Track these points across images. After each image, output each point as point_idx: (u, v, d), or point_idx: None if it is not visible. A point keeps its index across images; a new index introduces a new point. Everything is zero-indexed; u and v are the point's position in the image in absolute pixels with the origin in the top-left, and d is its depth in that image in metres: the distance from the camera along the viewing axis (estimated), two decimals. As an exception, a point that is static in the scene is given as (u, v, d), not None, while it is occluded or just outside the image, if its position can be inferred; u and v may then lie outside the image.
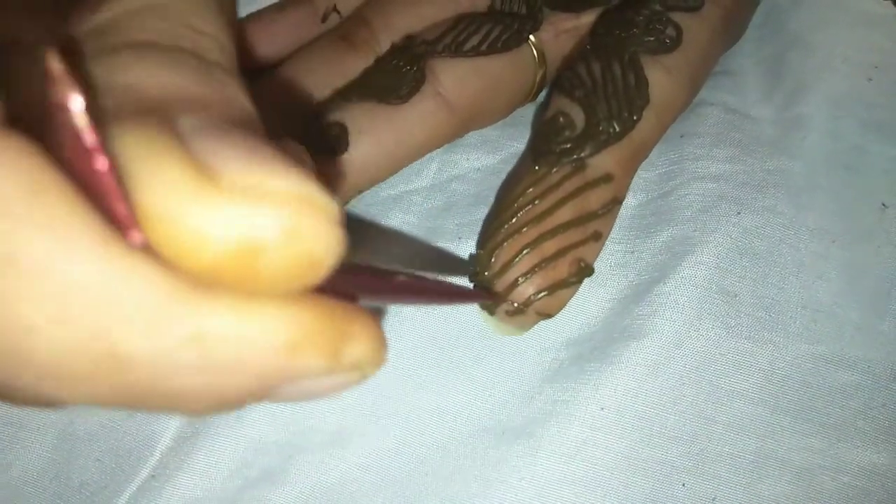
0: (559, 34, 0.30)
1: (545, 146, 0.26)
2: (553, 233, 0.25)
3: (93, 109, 0.10)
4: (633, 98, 0.26)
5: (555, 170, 0.26)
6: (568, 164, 0.26)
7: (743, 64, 0.34)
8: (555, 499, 0.26)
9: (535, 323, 0.26)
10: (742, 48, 0.34)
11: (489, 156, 0.32)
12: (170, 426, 0.28)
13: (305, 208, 0.11)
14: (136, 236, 0.10)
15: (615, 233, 0.30)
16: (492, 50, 0.28)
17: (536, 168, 0.26)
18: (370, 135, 0.27)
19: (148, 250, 0.10)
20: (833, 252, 0.29)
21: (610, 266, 0.29)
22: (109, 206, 0.10)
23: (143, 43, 0.14)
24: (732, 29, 0.31)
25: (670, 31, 0.27)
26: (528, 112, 0.33)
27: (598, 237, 0.26)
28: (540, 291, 0.25)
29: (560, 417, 0.27)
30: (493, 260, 0.25)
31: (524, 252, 0.25)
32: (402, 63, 0.28)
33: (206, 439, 0.27)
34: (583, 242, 0.25)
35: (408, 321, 0.29)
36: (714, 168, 0.30)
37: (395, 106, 0.27)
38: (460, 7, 0.30)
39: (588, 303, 0.29)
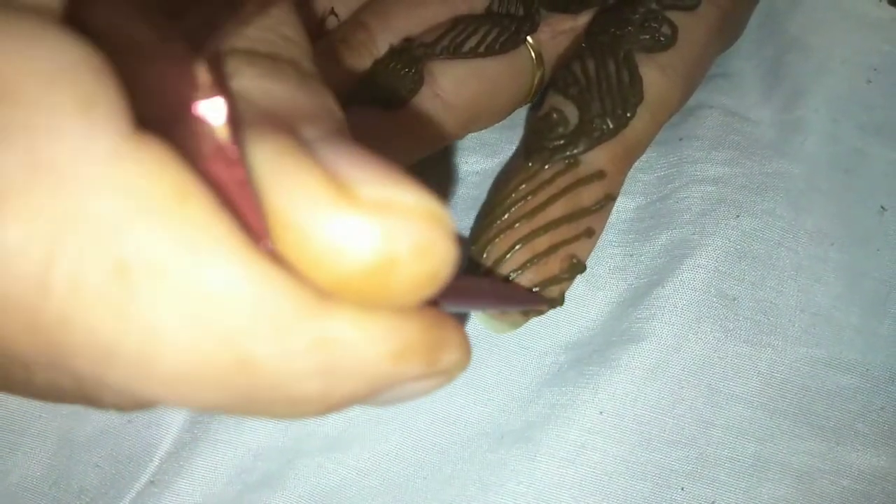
0: (556, 35, 0.30)
1: (538, 142, 0.26)
2: (545, 229, 0.25)
3: (232, 119, 0.10)
4: (627, 95, 0.26)
5: (547, 166, 0.26)
6: (561, 160, 0.26)
7: (742, 66, 0.34)
8: (554, 503, 0.26)
9: (528, 320, 0.26)
10: (740, 50, 0.34)
11: (488, 159, 0.32)
12: (169, 432, 0.28)
13: (435, 224, 0.11)
14: (267, 245, 0.11)
15: (614, 236, 0.30)
16: (490, 52, 0.28)
17: (529, 164, 0.26)
18: (369, 139, 0.27)
19: (278, 259, 0.11)
20: (832, 255, 0.29)
21: (609, 269, 0.29)
22: (243, 216, 0.10)
23: (245, 51, 0.14)
24: (729, 29, 0.31)
25: (665, 30, 0.27)
26: (526, 115, 0.33)
27: (591, 234, 0.26)
28: (532, 287, 0.25)
29: (559, 421, 0.27)
30: (484, 255, 0.25)
31: (516, 248, 0.25)
32: (400, 65, 0.28)
33: (206, 445, 0.27)
34: (575, 239, 0.25)
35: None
36: (713, 171, 0.30)
37: (394, 109, 0.27)
38: (457, 9, 0.30)
39: (587, 306, 0.29)
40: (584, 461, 0.27)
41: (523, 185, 0.26)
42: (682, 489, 0.26)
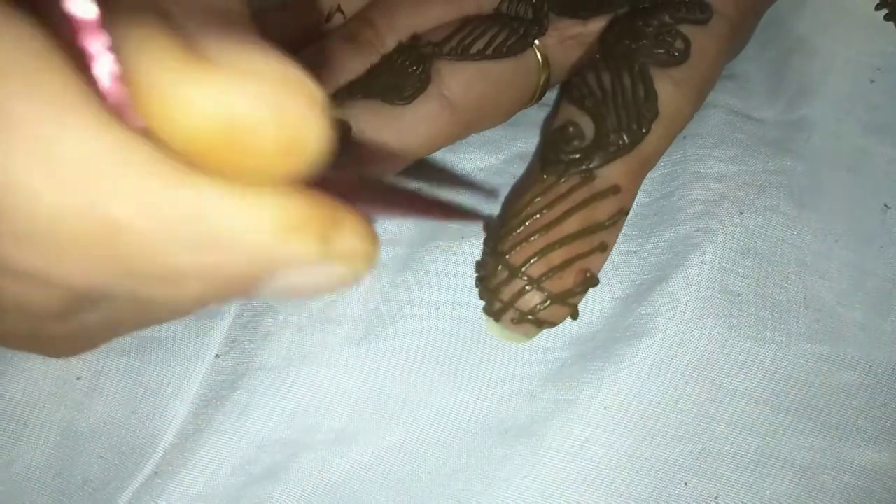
0: (564, 40, 0.30)
1: (554, 155, 0.26)
2: (561, 243, 0.25)
3: None
4: (643, 110, 0.26)
5: (563, 179, 0.26)
6: (576, 174, 0.26)
7: (746, 67, 0.34)
8: (558, 497, 0.26)
9: (539, 331, 0.26)
10: (745, 51, 0.34)
11: (492, 156, 0.32)
12: (173, 423, 0.28)
13: (292, 89, 0.11)
14: (133, 118, 0.11)
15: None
16: (497, 54, 0.28)
17: (545, 177, 0.26)
18: (372, 134, 0.27)
19: (147, 133, 0.11)
20: (836, 252, 0.29)
21: (613, 265, 0.29)
22: (107, 86, 0.11)
23: None
24: (737, 41, 0.31)
25: (679, 44, 0.27)
26: (530, 112, 0.33)
27: (605, 248, 0.26)
28: (546, 300, 0.25)
29: (563, 416, 0.27)
30: (500, 267, 0.25)
31: (532, 261, 0.25)
32: (408, 63, 0.28)
33: (210, 436, 0.27)
34: (589, 253, 0.25)
35: (411, 320, 0.29)
36: (716, 168, 0.30)
37: (399, 106, 0.27)
38: (464, 9, 0.30)
39: (591, 302, 0.29)
40: (588, 456, 0.27)
41: (539, 198, 0.26)
42: (686, 484, 0.26)
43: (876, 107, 0.33)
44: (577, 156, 0.26)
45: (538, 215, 0.25)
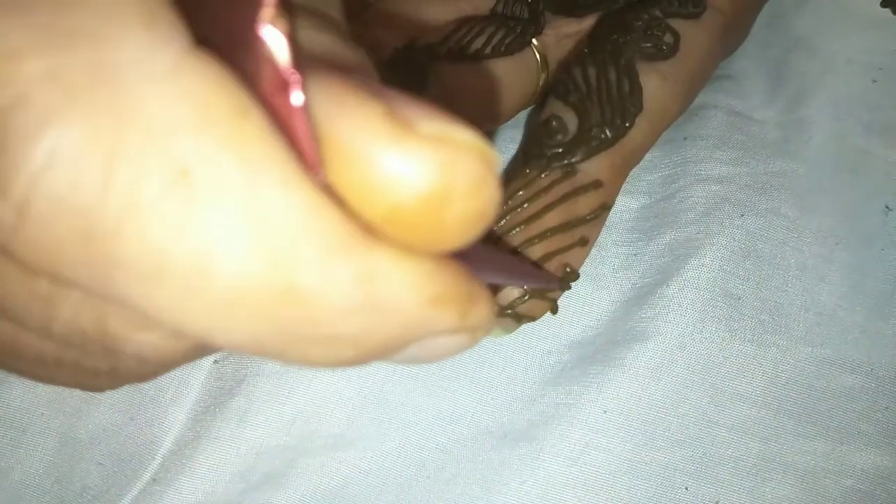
0: (561, 39, 0.30)
1: (537, 149, 0.26)
2: (541, 237, 0.25)
3: (293, 47, 0.10)
4: (627, 105, 0.26)
5: (545, 174, 0.26)
6: (558, 168, 0.26)
7: (746, 67, 0.34)
8: (557, 502, 0.26)
9: (519, 325, 0.26)
10: (745, 51, 0.33)
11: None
12: (171, 430, 0.28)
13: (487, 162, 0.11)
14: (321, 176, 0.11)
15: (618, 235, 0.30)
16: (495, 53, 0.28)
17: (528, 171, 0.26)
18: None
19: (329, 191, 0.11)
20: (837, 255, 0.29)
21: (613, 268, 0.29)
22: (298, 144, 0.10)
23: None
24: (733, 35, 0.31)
25: (668, 38, 0.27)
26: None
27: (585, 242, 0.26)
28: (524, 295, 0.25)
29: (562, 420, 0.27)
30: None
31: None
32: (405, 66, 0.28)
33: (208, 443, 0.27)
34: (569, 247, 0.25)
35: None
36: (717, 170, 0.30)
37: None
38: (462, 10, 0.30)
39: (591, 305, 0.29)
40: (588, 460, 0.26)
41: (521, 192, 0.26)
42: (687, 488, 0.26)
43: (878, 107, 0.33)
44: (560, 150, 0.26)
45: (519, 209, 0.25)
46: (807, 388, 0.27)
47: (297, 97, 0.10)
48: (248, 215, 0.10)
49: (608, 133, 0.26)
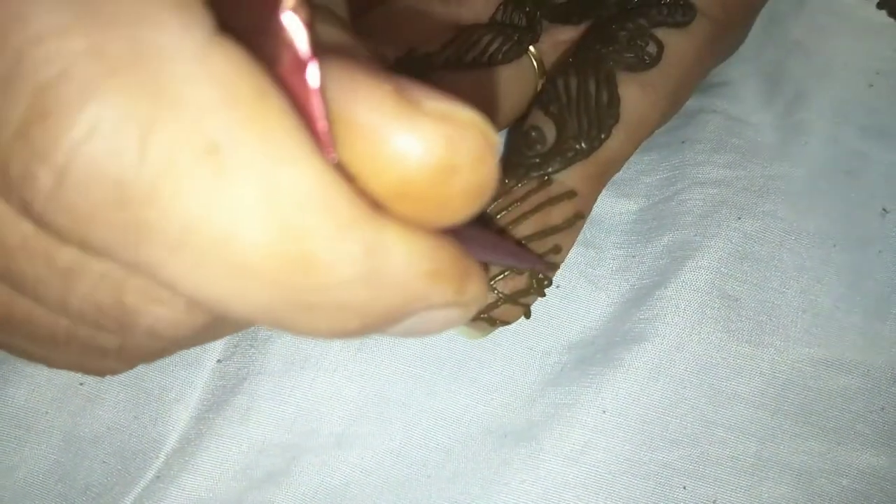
0: (558, 45, 0.30)
1: (515, 159, 0.27)
2: (515, 244, 0.26)
3: (312, 29, 0.11)
4: (604, 117, 0.26)
5: (521, 184, 0.26)
6: (535, 178, 0.26)
7: (743, 71, 0.34)
8: (557, 501, 0.26)
9: (495, 329, 0.27)
10: (742, 56, 0.34)
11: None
12: (175, 428, 0.28)
13: (488, 137, 0.12)
14: (333, 154, 0.11)
15: (617, 237, 0.30)
16: (492, 61, 0.29)
17: (506, 180, 0.27)
18: None
19: (341, 168, 0.11)
20: (834, 256, 0.30)
21: (611, 270, 0.30)
22: (313, 123, 0.11)
23: None
24: (724, 42, 0.31)
25: (651, 49, 0.27)
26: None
27: (559, 251, 0.26)
28: (500, 300, 0.26)
29: (562, 421, 0.27)
30: None
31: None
32: (404, 75, 0.28)
33: (211, 440, 0.27)
34: (543, 255, 0.26)
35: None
36: (715, 173, 0.30)
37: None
38: (461, 17, 0.31)
39: (590, 307, 0.29)
40: (587, 460, 0.27)
41: (497, 200, 0.26)
42: (685, 488, 0.27)
43: (874, 111, 0.33)
44: (536, 160, 0.26)
45: (497, 217, 0.26)
46: (804, 389, 0.28)
47: (313, 78, 0.11)
48: (268, 189, 0.10)
49: (583, 145, 0.26)
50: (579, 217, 0.27)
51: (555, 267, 0.26)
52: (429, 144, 0.11)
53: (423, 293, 0.12)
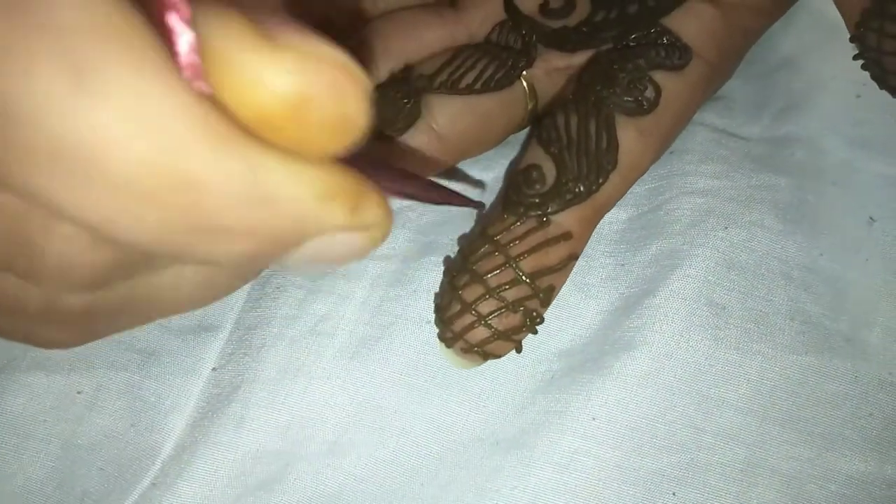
0: (551, 72, 0.31)
1: (515, 196, 0.27)
2: (512, 283, 0.26)
3: None
4: (602, 162, 0.27)
5: (520, 222, 0.27)
6: (534, 217, 0.27)
7: (732, 86, 0.34)
8: (547, 507, 0.27)
9: (485, 361, 0.27)
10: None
11: (483, 173, 0.33)
12: (171, 436, 0.28)
13: (350, 74, 0.13)
14: (204, 85, 0.12)
15: (606, 246, 0.30)
16: (486, 88, 0.29)
17: (505, 217, 0.27)
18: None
19: (213, 99, 0.12)
20: (821, 265, 0.30)
21: (601, 279, 0.30)
22: (183, 56, 0.12)
23: None
24: (716, 83, 0.32)
25: (649, 94, 0.28)
26: (522, 133, 0.33)
27: (552, 290, 0.27)
28: (492, 337, 0.26)
29: (553, 428, 0.27)
30: (453, 301, 0.27)
31: (486, 297, 0.26)
32: (399, 95, 0.29)
33: (206, 448, 0.28)
34: (537, 294, 0.26)
35: (403, 334, 0.29)
36: (702, 183, 0.31)
37: (389, 137, 0.28)
38: (457, 33, 0.31)
39: (580, 315, 0.29)
40: (577, 467, 0.27)
41: (498, 237, 0.27)
42: (674, 494, 0.27)
43: (862, 122, 0.33)
44: (536, 200, 0.27)
45: (495, 254, 0.27)
46: (792, 395, 0.28)
47: (183, 14, 0.12)
48: (135, 110, 0.11)
49: (581, 188, 0.27)
50: (573, 258, 0.27)
51: (546, 302, 0.27)
52: (278, 76, 0.12)
53: (314, 214, 0.13)
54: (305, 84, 0.12)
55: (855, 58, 0.30)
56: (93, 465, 0.28)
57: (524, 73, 0.30)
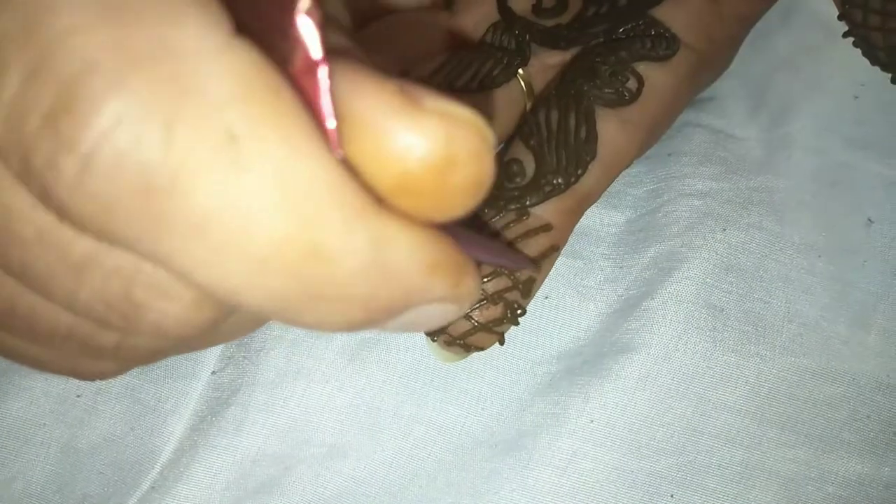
0: (546, 69, 0.31)
1: (496, 191, 0.27)
2: (492, 276, 0.26)
3: (323, 32, 0.11)
4: (581, 153, 0.27)
5: (500, 215, 0.27)
6: (513, 210, 0.27)
7: (729, 87, 0.34)
8: (546, 510, 0.27)
9: (469, 354, 0.27)
10: (729, 72, 0.34)
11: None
12: (171, 439, 0.28)
13: (485, 135, 0.13)
14: (339, 150, 0.12)
15: (604, 248, 0.31)
16: (483, 87, 0.29)
17: (485, 211, 0.27)
18: None
19: (347, 164, 0.12)
20: (819, 267, 0.30)
21: (599, 281, 0.30)
22: (321, 121, 0.12)
23: None
24: (706, 75, 0.31)
25: (631, 84, 0.28)
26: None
27: (532, 282, 0.27)
28: (475, 328, 0.26)
29: (551, 430, 0.28)
30: None
31: None
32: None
33: (206, 451, 0.28)
34: (517, 286, 0.26)
35: (402, 336, 0.29)
36: (700, 185, 0.31)
37: None
38: (463, 26, 0.31)
39: (579, 317, 0.30)
40: (575, 469, 0.27)
41: (480, 227, 0.27)
42: (672, 496, 0.27)
43: (860, 122, 0.33)
44: (516, 193, 0.27)
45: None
46: (790, 398, 0.28)
47: (323, 77, 0.12)
48: (283, 180, 0.11)
49: (560, 181, 0.27)
50: (554, 250, 0.27)
51: (526, 293, 0.27)
52: (430, 140, 0.12)
53: (423, 285, 0.13)
54: (452, 147, 0.12)
55: (844, 35, 0.30)
56: (92, 468, 0.28)
57: (521, 72, 0.30)
